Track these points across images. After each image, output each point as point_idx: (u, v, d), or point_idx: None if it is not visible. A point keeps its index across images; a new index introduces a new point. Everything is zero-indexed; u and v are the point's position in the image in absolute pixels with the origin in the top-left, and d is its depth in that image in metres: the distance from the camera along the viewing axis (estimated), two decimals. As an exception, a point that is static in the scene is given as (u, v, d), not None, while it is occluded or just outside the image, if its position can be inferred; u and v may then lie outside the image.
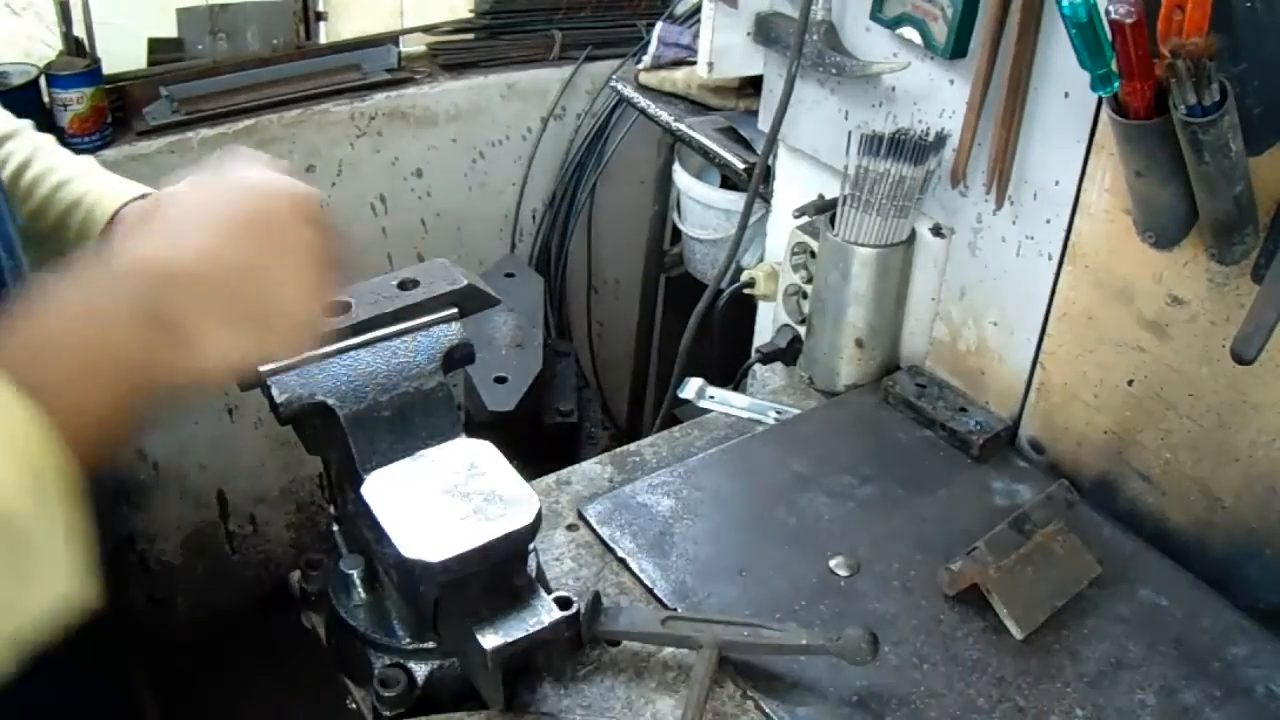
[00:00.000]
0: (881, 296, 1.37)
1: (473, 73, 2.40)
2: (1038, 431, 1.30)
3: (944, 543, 1.14)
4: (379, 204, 2.36)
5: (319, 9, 2.31)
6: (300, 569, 1.09)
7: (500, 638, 0.86)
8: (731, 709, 0.98)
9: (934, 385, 1.37)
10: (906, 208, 1.30)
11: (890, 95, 1.33)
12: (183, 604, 2.45)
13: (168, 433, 2.26)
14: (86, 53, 1.98)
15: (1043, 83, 1.15)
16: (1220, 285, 1.06)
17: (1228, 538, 1.13)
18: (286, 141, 2.16)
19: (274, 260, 0.72)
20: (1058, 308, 1.23)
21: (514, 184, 2.54)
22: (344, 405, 0.92)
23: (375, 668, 0.97)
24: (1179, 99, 0.87)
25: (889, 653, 1.02)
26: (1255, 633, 1.07)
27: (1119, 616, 1.08)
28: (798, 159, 1.53)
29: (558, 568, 1.13)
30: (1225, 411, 1.10)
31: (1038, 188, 1.20)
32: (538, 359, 2.06)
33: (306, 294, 0.74)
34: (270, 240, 0.72)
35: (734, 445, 1.32)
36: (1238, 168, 0.92)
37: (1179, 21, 0.84)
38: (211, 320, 0.69)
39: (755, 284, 1.59)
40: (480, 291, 1.01)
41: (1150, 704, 1.00)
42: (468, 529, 0.87)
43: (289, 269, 0.72)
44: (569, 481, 1.26)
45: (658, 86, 2.07)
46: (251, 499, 2.47)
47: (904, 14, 1.24)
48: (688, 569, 1.12)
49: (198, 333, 0.69)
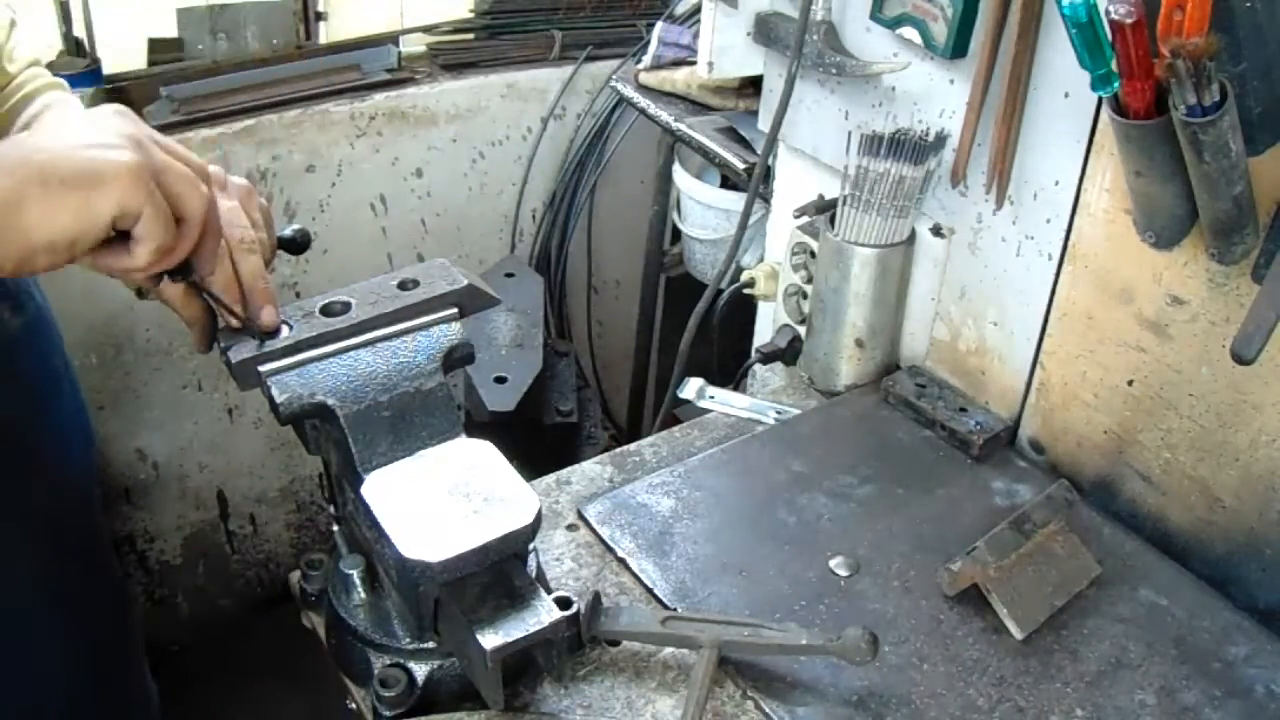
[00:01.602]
0: (881, 296, 1.37)
1: (473, 73, 2.40)
2: (1038, 431, 1.30)
3: (944, 543, 1.14)
4: (379, 204, 2.36)
5: (319, 9, 2.31)
6: (300, 569, 1.09)
7: (500, 638, 0.86)
8: (731, 709, 0.98)
9: (934, 385, 1.37)
10: (906, 208, 1.30)
11: (890, 95, 1.33)
12: (183, 604, 2.45)
13: (168, 433, 2.26)
14: (86, 53, 1.98)
15: (1043, 83, 1.15)
16: (1220, 285, 1.06)
17: (1228, 538, 1.13)
18: (286, 141, 2.16)
19: (90, 131, 0.77)
20: (1058, 308, 1.23)
21: (514, 184, 2.54)
22: (344, 405, 0.92)
23: (375, 668, 0.97)
24: (1179, 99, 0.87)
25: (889, 653, 1.02)
26: (1255, 633, 1.07)
27: (1119, 616, 1.08)
28: (798, 159, 1.53)
29: (558, 568, 1.13)
30: (1225, 411, 1.10)
31: (1038, 188, 1.20)
32: (538, 359, 2.06)
33: (115, 150, 0.76)
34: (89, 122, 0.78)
35: (734, 445, 1.32)
36: (1238, 168, 0.92)
37: (1179, 21, 0.84)
38: (30, 188, 0.72)
39: (755, 284, 1.59)
40: (480, 291, 1.01)
41: (1150, 704, 1.00)
42: (467, 529, 0.87)
43: (90, 133, 0.77)
44: (569, 481, 1.26)
45: (658, 86, 2.07)
46: (251, 499, 2.47)
47: (904, 14, 1.24)
48: (688, 569, 1.12)
49: (16, 202, 0.72)
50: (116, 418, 2.18)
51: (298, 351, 0.93)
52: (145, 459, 2.26)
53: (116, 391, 2.16)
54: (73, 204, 0.74)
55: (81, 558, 1.31)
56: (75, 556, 1.29)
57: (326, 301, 0.97)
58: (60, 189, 0.73)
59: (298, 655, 1.31)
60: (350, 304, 0.97)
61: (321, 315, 0.96)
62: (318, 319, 0.95)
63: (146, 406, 2.21)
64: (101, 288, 0.92)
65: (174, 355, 2.20)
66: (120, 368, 2.14)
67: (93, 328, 2.06)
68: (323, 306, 0.97)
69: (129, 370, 2.16)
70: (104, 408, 2.14)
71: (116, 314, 2.08)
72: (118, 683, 1.41)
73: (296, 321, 0.94)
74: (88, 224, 0.74)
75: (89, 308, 2.00)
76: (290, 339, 0.93)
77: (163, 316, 2.12)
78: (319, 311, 0.96)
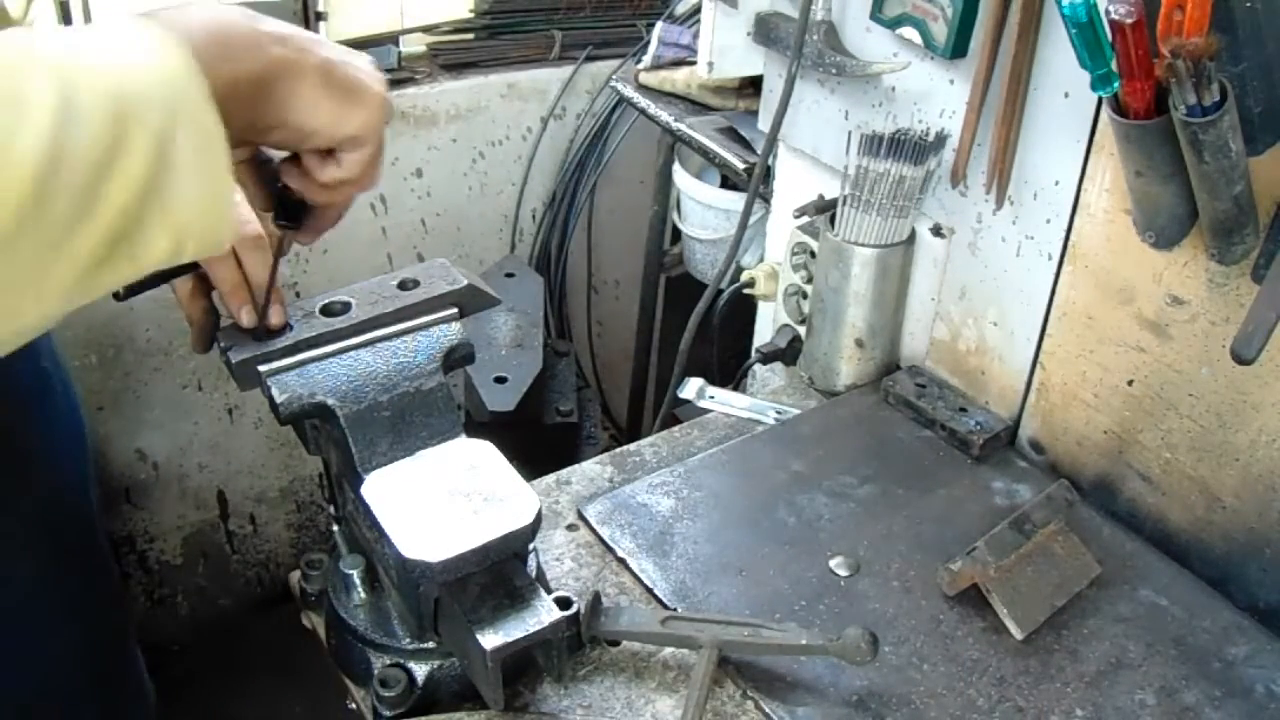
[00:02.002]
0: (881, 296, 1.37)
1: (473, 73, 2.40)
2: (1038, 431, 1.30)
3: (944, 543, 1.14)
4: (379, 204, 2.36)
5: (319, 9, 2.30)
6: (300, 569, 1.09)
7: (500, 638, 0.86)
8: (731, 709, 0.98)
9: (934, 385, 1.37)
10: (906, 208, 1.30)
11: (890, 95, 1.33)
12: (183, 604, 2.45)
13: (168, 433, 2.26)
14: (86, 53, 1.97)
15: (1043, 83, 1.15)
16: (1220, 285, 1.06)
17: (1228, 538, 1.13)
18: (286, 141, 2.15)
19: (337, 50, 0.81)
20: (1058, 308, 1.23)
21: (514, 184, 2.54)
22: (344, 405, 0.92)
23: (375, 668, 0.97)
24: (1179, 99, 0.87)
25: (889, 653, 1.02)
26: (1255, 633, 1.07)
27: (1119, 616, 1.08)
28: (798, 159, 1.53)
29: (558, 568, 1.13)
30: (1225, 411, 1.10)
31: (1038, 188, 1.20)
32: (538, 359, 2.05)
33: (379, 84, 0.82)
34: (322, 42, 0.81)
35: (734, 445, 1.32)
36: (1238, 168, 0.92)
37: (1179, 21, 0.84)
38: (307, 79, 0.76)
39: (755, 284, 1.59)
40: (480, 291, 1.01)
41: (1150, 704, 1.00)
42: (467, 529, 0.87)
43: (360, 59, 0.82)
44: (569, 481, 1.26)
45: (658, 86, 2.07)
46: (251, 499, 2.47)
47: (904, 14, 1.24)
48: (688, 569, 1.12)
49: (295, 86, 0.76)
50: (116, 418, 2.18)
51: (298, 351, 0.93)
52: (145, 459, 2.26)
53: (116, 391, 2.16)
54: (335, 105, 0.78)
55: (79, 558, 1.31)
56: (72, 557, 1.29)
57: (326, 301, 0.97)
58: (334, 89, 0.78)
59: (297, 655, 1.31)
60: (350, 304, 0.97)
61: (321, 315, 0.96)
62: (318, 319, 0.95)
63: (146, 406, 2.21)
64: (101, 288, 0.92)
65: (174, 355, 2.20)
66: (120, 368, 2.14)
67: (93, 328, 2.06)
68: (323, 306, 0.97)
69: (129, 370, 2.16)
70: (104, 408, 2.14)
71: (116, 314, 2.07)
72: (115, 682, 1.41)
73: (296, 321, 0.95)
74: (335, 130, 0.79)
75: (89, 308, 1.97)
76: (290, 339, 0.93)
77: (163, 316, 2.13)
78: (319, 311, 0.96)
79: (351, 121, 0.80)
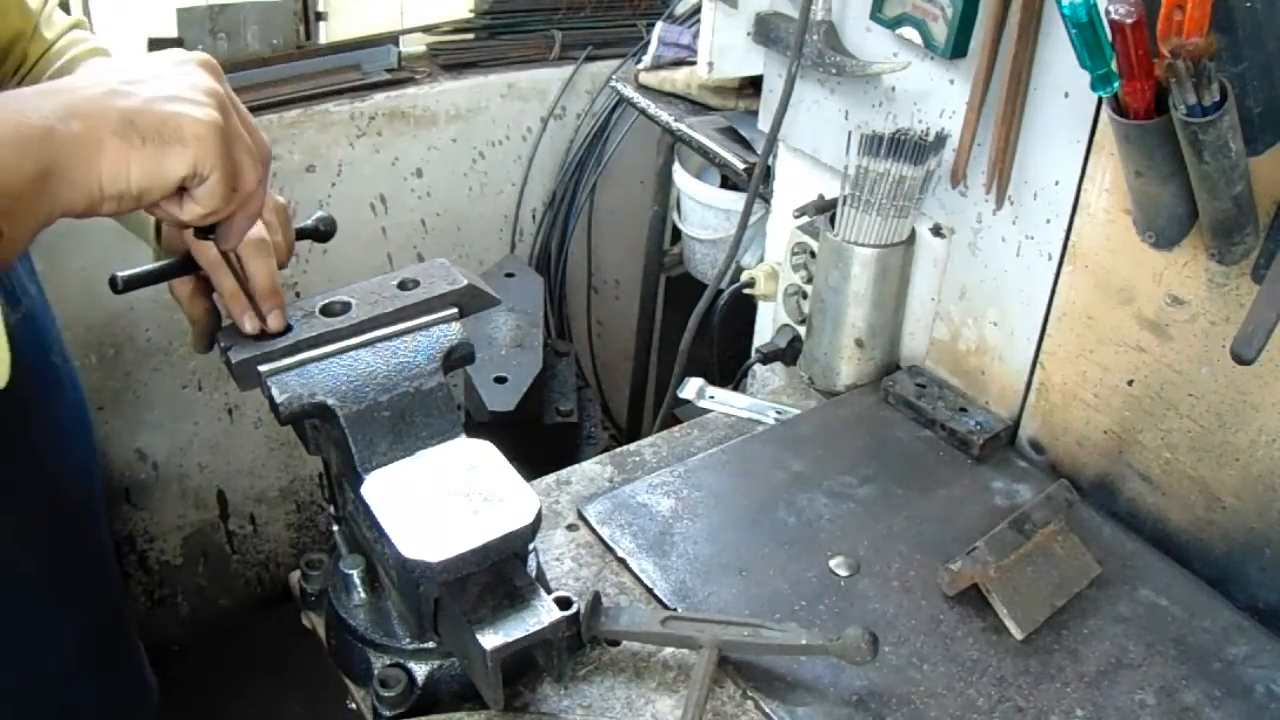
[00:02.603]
0: (881, 296, 1.37)
1: (473, 73, 2.40)
2: (1038, 431, 1.30)
3: (944, 543, 1.14)
4: (379, 204, 2.36)
5: (319, 9, 2.30)
6: (300, 569, 1.09)
7: (500, 638, 0.86)
8: (731, 709, 0.98)
9: (934, 385, 1.37)
10: (906, 208, 1.30)
11: (890, 95, 1.33)
12: (183, 604, 2.45)
13: (168, 433, 2.26)
14: (86, 53, 1.97)
15: (1043, 83, 1.15)
16: (1220, 285, 1.06)
17: (1228, 538, 1.13)
18: (286, 141, 2.16)
19: (163, 78, 0.77)
20: (1058, 308, 1.23)
21: (514, 184, 2.55)
22: (344, 405, 0.92)
23: (375, 668, 0.97)
24: (1179, 99, 0.87)
25: (889, 653, 1.02)
26: (1255, 633, 1.07)
27: (1119, 616, 1.09)
28: (798, 159, 1.53)
29: (558, 568, 1.13)
30: (1225, 411, 1.10)
31: (1038, 188, 1.20)
32: (538, 359, 2.05)
33: (201, 108, 0.76)
34: (157, 67, 0.78)
35: (734, 445, 1.32)
36: (1238, 168, 0.92)
37: (1179, 21, 0.84)
38: (107, 147, 0.72)
39: (755, 284, 1.59)
40: (480, 291, 1.01)
41: (1150, 704, 1.00)
42: (467, 529, 0.87)
43: (180, 84, 0.76)
44: (569, 481, 1.26)
45: (658, 86, 2.08)
46: (251, 499, 2.47)
47: (904, 14, 1.24)
48: (688, 569, 1.12)
49: (94, 160, 0.72)
50: (116, 418, 2.18)
51: (298, 351, 0.93)
52: (145, 459, 2.26)
53: (116, 391, 2.16)
54: (147, 159, 0.73)
55: (83, 554, 1.31)
56: (77, 553, 1.29)
57: (326, 301, 0.97)
58: (138, 143, 0.73)
59: (297, 655, 1.31)
60: (350, 304, 0.97)
61: (321, 315, 0.96)
62: (318, 319, 0.95)
63: (146, 406, 2.21)
64: (101, 287, 0.92)
65: (174, 355, 2.20)
66: (120, 368, 2.14)
67: (93, 328, 2.06)
68: (323, 306, 0.97)
69: (129, 370, 2.16)
70: (104, 408, 2.14)
71: (116, 314, 2.08)
72: (118, 678, 1.41)
73: (296, 321, 0.95)
74: (158, 181, 0.75)
75: (89, 308, 2.01)
76: (290, 339, 0.93)
77: (163, 316, 2.13)
78: (319, 311, 0.96)
79: (174, 166, 0.75)
